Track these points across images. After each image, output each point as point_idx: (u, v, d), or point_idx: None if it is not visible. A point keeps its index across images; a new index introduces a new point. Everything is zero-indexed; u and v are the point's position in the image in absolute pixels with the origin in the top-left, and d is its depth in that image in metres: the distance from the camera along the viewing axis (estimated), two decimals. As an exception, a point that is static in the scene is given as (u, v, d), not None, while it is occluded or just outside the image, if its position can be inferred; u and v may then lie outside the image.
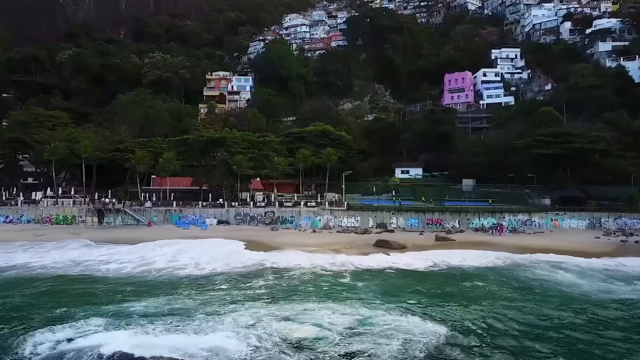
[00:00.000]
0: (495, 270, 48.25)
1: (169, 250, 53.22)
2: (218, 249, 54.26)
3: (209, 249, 54.14)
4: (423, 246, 61.47)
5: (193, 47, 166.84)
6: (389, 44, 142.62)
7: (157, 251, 51.91)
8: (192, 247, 55.53)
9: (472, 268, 49.11)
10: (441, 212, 73.10)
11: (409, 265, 48.87)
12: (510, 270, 48.16)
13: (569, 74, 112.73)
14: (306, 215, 72.50)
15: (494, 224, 71.69)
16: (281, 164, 74.02)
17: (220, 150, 75.00)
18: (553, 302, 36.46)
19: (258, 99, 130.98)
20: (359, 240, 64.78)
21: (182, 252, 52.25)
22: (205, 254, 50.83)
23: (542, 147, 75.85)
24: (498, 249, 58.74)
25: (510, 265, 50.69)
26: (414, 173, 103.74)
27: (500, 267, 50.22)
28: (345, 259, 50.31)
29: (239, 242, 58.90)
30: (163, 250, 52.84)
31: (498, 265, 50.63)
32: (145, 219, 72.01)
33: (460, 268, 49.03)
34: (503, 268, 49.54)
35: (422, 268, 47.70)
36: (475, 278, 44.31)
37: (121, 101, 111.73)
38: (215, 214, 72.72)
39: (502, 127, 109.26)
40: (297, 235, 66.14)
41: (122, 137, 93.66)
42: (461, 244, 62.91)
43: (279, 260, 48.96)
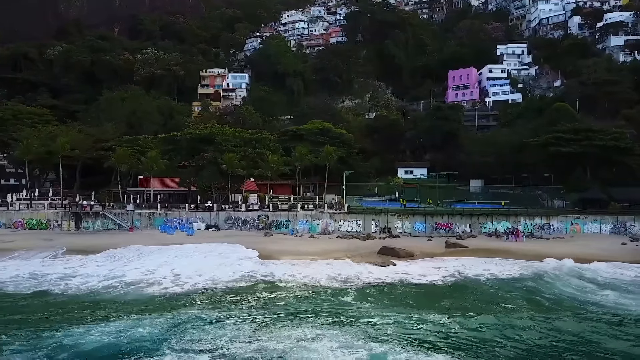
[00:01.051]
0: (519, 284, 41.62)
1: (148, 259, 46.24)
2: (204, 259, 47.26)
3: (194, 259, 47.18)
4: (433, 254, 54.88)
5: (189, 45, 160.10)
6: (390, 39, 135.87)
7: (133, 263, 44.72)
8: (174, 255, 48.59)
9: (493, 280, 42.46)
10: (451, 216, 66.18)
11: (422, 277, 41.99)
12: (536, 283, 41.75)
13: (580, 69, 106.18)
14: (303, 219, 65.58)
15: (509, 229, 64.77)
16: (276, 163, 66.91)
17: (209, 149, 67.91)
18: (602, 328, 29.62)
19: (254, 97, 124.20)
20: (362, 247, 57.83)
21: (160, 261, 45.17)
22: (189, 265, 43.84)
23: (562, 144, 68.88)
24: (516, 257, 52.41)
25: (534, 277, 44.16)
26: (419, 173, 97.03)
27: (523, 278, 43.60)
28: (348, 271, 43.40)
29: (231, 248, 52.03)
30: (141, 261, 45.71)
31: (521, 277, 44.02)
32: (127, 223, 65.00)
33: (479, 281, 42.36)
34: (528, 280, 42.98)
35: (437, 281, 40.82)
36: (499, 294, 37.75)
37: (108, 98, 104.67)
38: (203, 218, 65.74)
39: (510, 125, 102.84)
40: (293, 242, 59.19)
41: (107, 135, 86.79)
42: (474, 251, 56.17)
43: (273, 273, 42.08)
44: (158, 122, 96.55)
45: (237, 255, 49.54)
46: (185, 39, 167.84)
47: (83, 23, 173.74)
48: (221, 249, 52.53)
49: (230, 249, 52.23)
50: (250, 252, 50.99)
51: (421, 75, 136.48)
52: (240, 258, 48.41)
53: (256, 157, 67.52)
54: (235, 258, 48.37)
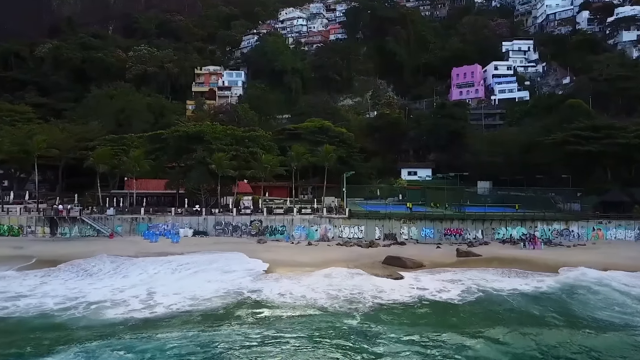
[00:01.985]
0: (550, 300, 35.76)
1: (119, 275, 39.84)
2: (191, 275, 40.85)
3: (180, 274, 40.82)
4: (443, 264, 48.81)
5: (185, 44, 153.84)
6: (391, 36, 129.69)
7: (103, 279, 38.31)
8: (153, 267, 42.33)
9: (518, 296, 36.48)
10: (461, 221, 59.84)
11: (436, 294, 35.80)
12: (570, 298, 35.94)
13: (591, 66, 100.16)
14: (300, 224, 59.23)
15: (525, 235, 58.58)
16: (270, 163, 60.51)
17: (198, 148, 61.61)
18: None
19: (250, 95, 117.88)
20: (364, 256, 51.59)
21: (135, 276, 38.84)
22: (167, 281, 37.51)
23: (580, 143, 62.66)
24: (537, 268, 46.42)
25: (564, 291, 38.30)
26: (423, 174, 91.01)
27: (552, 293, 37.66)
28: (350, 286, 37.17)
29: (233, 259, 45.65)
30: (112, 276, 39.33)
31: (550, 292, 38.02)
32: (108, 229, 58.62)
33: (503, 297, 36.35)
34: (558, 295, 37.05)
35: (456, 299, 34.51)
36: (531, 313, 31.74)
37: (95, 95, 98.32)
38: (191, 223, 59.37)
39: (518, 124, 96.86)
40: (288, 250, 52.92)
41: (92, 133, 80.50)
42: (489, 261, 50.00)
43: (262, 289, 35.78)
44: (148, 121, 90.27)
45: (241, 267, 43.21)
46: (182, 38, 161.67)
47: (77, 21, 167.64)
48: (221, 262, 45.85)
49: (233, 260, 45.82)
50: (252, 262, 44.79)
51: (423, 73, 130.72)
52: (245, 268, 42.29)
53: (249, 156, 61.12)
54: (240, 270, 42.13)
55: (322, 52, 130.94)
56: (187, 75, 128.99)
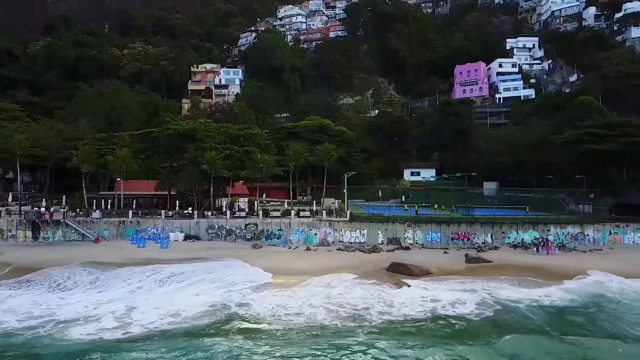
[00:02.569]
0: (574, 313, 32.28)
1: (95, 288, 35.94)
2: (170, 285, 37.02)
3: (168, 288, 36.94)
4: (452, 271, 45.14)
5: (181, 42, 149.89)
6: (393, 33, 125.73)
7: (76, 293, 34.38)
8: (137, 279, 38.48)
9: (538, 310, 32.99)
10: (469, 224, 55.98)
11: (449, 307, 31.98)
12: (600, 310, 32.31)
13: (600, 62, 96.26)
14: (298, 228, 55.34)
15: (537, 239, 54.74)
16: (266, 163, 56.59)
17: (190, 147, 57.78)
18: None
19: (247, 93, 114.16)
20: (367, 262, 47.76)
21: (115, 290, 34.94)
22: (150, 295, 33.63)
23: (596, 141, 58.80)
24: (554, 276, 42.76)
25: (590, 303, 34.61)
26: (427, 175, 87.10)
27: (577, 305, 34.13)
28: (353, 297, 33.41)
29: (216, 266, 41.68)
30: (90, 288, 35.42)
31: (574, 304, 34.43)
32: (93, 233, 54.75)
33: (520, 309, 32.78)
34: (584, 308, 33.53)
35: (472, 314, 30.71)
36: (555, 330, 28.25)
37: (85, 93, 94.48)
38: (182, 227, 55.47)
39: (524, 123, 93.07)
40: (285, 256, 49.06)
41: (81, 132, 76.82)
42: (501, 267, 46.19)
43: (253, 303, 31.90)
44: (140, 119, 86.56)
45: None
46: (179, 36, 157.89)
47: (72, 19, 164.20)
48: (213, 272, 41.75)
49: (227, 269, 41.84)
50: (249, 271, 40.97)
51: (425, 71, 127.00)
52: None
53: (243, 156, 57.22)
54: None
55: (321, 49, 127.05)
56: (183, 73, 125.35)
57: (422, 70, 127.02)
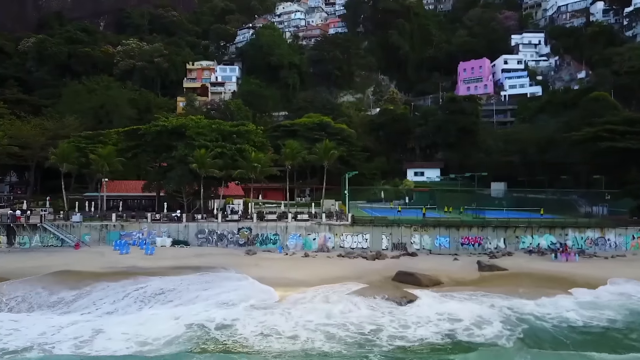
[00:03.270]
0: (608, 331, 27.51)
1: (59, 311, 31.28)
2: (147, 303, 32.25)
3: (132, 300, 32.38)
4: (465, 281, 40.79)
5: (177, 39, 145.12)
6: (394, 30, 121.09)
7: (32, 316, 29.68)
8: (113, 294, 33.90)
9: (565, 327, 29.02)
10: (481, 228, 51.40)
11: (471, 326, 27.42)
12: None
13: (610, 58, 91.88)
14: (295, 232, 50.73)
15: (554, 244, 50.25)
16: (261, 162, 51.89)
17: (179, 145, 53.12)
18: None
19: (244, 90, 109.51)
20: (370, 271, 43.25)
21: (79, 312, 30.18)
22: (121, 317, 28.92)
23: (616, 138, 54.29)
24: (578, 286, 38.31)
25: (628, 320, 30.23)
26: (432, 175, 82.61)
27: (615, 326, 29.44)
28: (356, 317, 28.80)
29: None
30: (48, 314, 30.49)
31: (611, 325, 29.63)
32: (73, 238, 50.13)
33: (547, 329, 28.72)
34: (621, 323, 29.40)
35: (497, 336, 26.15)
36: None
37: (72, 89, 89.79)
38: (169, 231, 50.86)
39: (531, 121, 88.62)
40: (280, 264, 44.51)
41: (67, 130, 72.18)
42: (518, 276, 41.76)
43: (238, 324, 27.26)
44: (131, 116, 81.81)
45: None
46: (175, 34, 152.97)
47: (66, 16, 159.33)
48: (200, 285, 37.21)
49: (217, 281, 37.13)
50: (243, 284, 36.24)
51: (428, 68, 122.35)
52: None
53: (236, 154, 52.53)
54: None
55: (321, 45, 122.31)
56: (179, 71, 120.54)
57: (424, 68, 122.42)
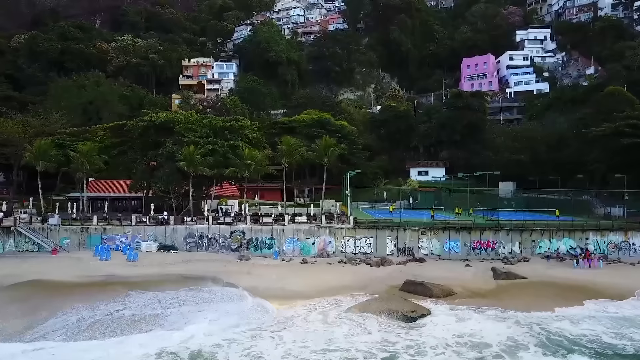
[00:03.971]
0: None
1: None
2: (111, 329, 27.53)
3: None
4: (480, 291, 36.45)
5: (174, 36, 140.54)
6: (395, 26, 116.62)
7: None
8: (70, 315, 29.21)
9: (609, 354, 23.58)
10: (494, 231, 46.91)
11: (503, 353, 22.78)
12: None
13: (622, 52, 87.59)
14: (293, 236, 46.21)
15: (573, 249, 45.80)
16: (255, 159, 47.32)
17: (167, 141, 48.61)
18: None
19: (242, 87, 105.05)
20: (375, 278, 38.84)
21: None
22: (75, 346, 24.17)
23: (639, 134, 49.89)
24: (607, 296, 34.20)
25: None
26: (437, 174, 78.05)
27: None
28: (365, 345, 24.16)
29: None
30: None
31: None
32: (51, 242, 45.58)
33: (587, 353, 23.63)
34: None
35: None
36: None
37: (60, 85, 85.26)
38: (156, 235, 46.29)
39: (539, 118, 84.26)
40: (276, 271, 40.00)
41: (52, 127, 67.64)
42: (537, 286, 37.46)
43: (217, 354, 22.58)
44: (122, 113, 77.32)
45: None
46: (173, 32, 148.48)
47: (61, 14, 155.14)
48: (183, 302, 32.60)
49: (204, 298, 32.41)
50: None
51: (430, 65, 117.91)
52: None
53: (229, 151, 48.00)
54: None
55: (320, 41, 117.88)
56: (174, 68, 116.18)
57: (427, 65, 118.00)
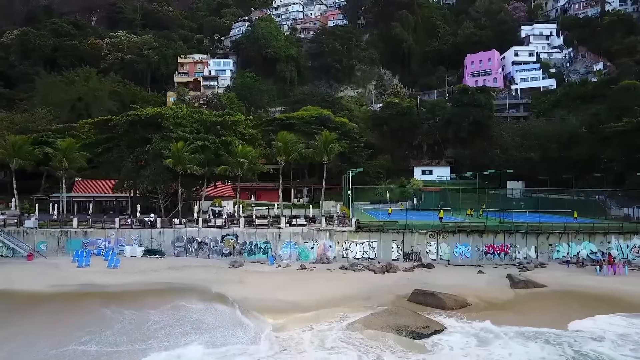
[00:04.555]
0: None
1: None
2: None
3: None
4: (497, 302, 32.81)
5: (170, 33, 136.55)
6: (397, 22, 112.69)
7: None
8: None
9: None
10: (508, 234, 43.00)
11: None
12: None
13: (635, 47, 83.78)
14: (290, 239, 42.27)
15: (594, 253, 41.96)
16: (249, 157, 43.36)
17: (155, 137, 44.70)
18: None
19: (239, 84, 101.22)
20: (380, 287, 35.04)
21: None
22: None
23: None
24: (633, 310, 30.21)
25: None
26: (441, 173, 74.17)
27: None
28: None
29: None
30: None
31: None
32: (27, 247, 41.65)
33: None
34: None
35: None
36: None
37: (46, 81, 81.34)
38: (141, 239, 42.36)
39: (547, 115, 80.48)
40: (271, 279, 36.13)
41: (38, 124, 63.84)
42: (561, 296, 33.75)
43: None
44: (112, 110, 73.35)
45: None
46: (170, 29, 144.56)
47: (55, 11, 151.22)
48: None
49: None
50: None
51: (432, 61, 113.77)
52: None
53: (221, 148, 44.06)
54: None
55: (319, 37, 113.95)
56: (169, 64, 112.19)
57: (429, 61, 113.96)
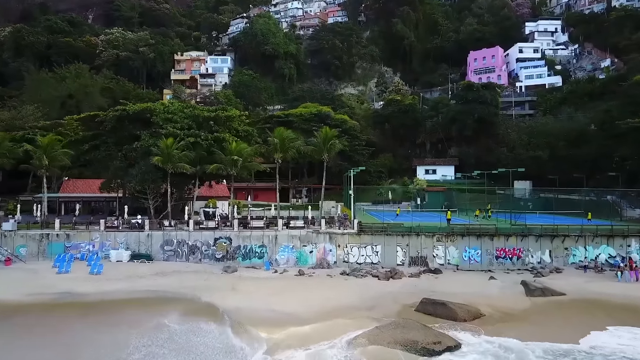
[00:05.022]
0: None
1: None
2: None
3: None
4: (513, 313, 30.12)
5: (167, 30, 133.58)
6: (398, 18, 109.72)
7: None
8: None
9: None
10: (520, 237, 40.00)
11: None
12: None
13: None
14: (287, 243, 39.24)
15: (612, 257, 39.04)
16: (243, 154, 40.30)
17: (144, 134, 41.67)
18: None
19: (236, 81, 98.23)
20: (385, 295, 32.12)
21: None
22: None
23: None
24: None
25: None
26: (445, 173, 71.18)
27: None
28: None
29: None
30: None
31: None
32: (5, 251, 38.62)
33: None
34: None
35: None
36: None
37: (36, 78, 78.38)
38: (128, 242, 39.32)
39: (554, 112, 77.59)
40: (267, 286, 33.11)
41: (25, 121, 60.84)
42: (582, 305, 30.98)
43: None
44: (103, 107, 70.08)
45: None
46: (167, 27, 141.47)
47: (51, 8, 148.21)
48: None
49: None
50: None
51: (434, 59, 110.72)
52: None
53: (213, 145, 41.03)
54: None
55: (319, 34, 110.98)
56: (166, 62, 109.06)
57: (431, 58, 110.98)
